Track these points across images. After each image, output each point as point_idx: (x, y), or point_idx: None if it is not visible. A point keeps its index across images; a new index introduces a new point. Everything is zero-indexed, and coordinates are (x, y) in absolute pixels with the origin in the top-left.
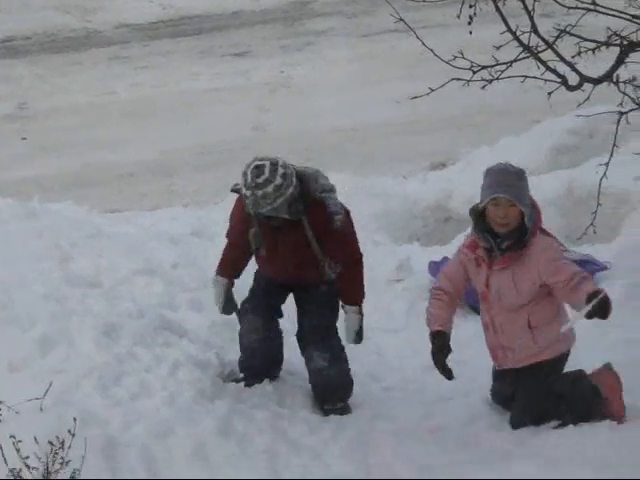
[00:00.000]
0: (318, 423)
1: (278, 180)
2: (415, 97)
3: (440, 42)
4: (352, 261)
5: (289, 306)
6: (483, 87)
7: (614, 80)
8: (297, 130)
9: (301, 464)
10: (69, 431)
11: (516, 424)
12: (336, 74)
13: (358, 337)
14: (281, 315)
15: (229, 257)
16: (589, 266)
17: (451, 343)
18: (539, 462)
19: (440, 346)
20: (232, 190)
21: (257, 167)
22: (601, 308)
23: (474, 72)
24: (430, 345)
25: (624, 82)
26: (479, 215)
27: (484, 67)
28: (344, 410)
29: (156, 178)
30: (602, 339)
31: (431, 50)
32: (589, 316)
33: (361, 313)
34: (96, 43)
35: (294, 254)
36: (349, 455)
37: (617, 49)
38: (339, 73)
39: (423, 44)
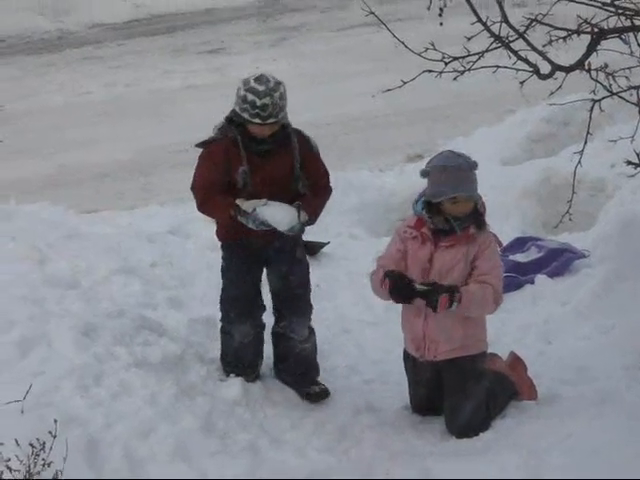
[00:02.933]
0: (299, 418)
1: (282, 82)
2: (388, 90)
3: (414, 35)
4: (326, 180)
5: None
6: (455, 78)
7: (586, 68)
8: None
9: (283, 459)
10: (50, 432)
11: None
12: (311, 69)
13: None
14: (264, 307)
15: (223, 196)
16: (567, 254)
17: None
18: (522, 452)
19: (398, 275)
20: (201, 144)
21: (259, 77)
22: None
23: (446, 63)
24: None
25: (596, 70)
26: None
27: (456, 58)
28: (326, 393)
29: (132, 177)
30: (580, 326)
31: (402, 42)
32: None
33: (306, 222)
34: (70, 44)
35: (280, 182)
36: (331, 449)
37: (588, 37)
38: (314, 68)
39: (394, 37)
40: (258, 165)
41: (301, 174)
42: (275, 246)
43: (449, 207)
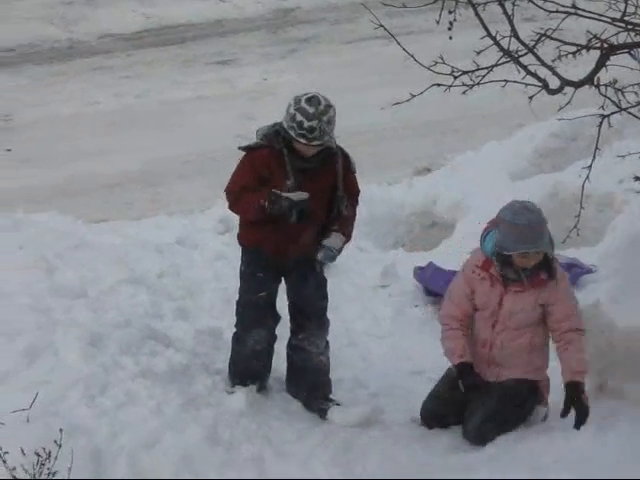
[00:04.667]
0: (306, 430)
1: (333, 105)
2: (397, 103)
3: (423, 48)
4: (356, 201)
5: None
6: (464, 92)
7: (595, 83)
8: None
9: (288, 471)
10: (56, 442)
11: (477, 429)
12: (320, 81)
13: (332, 256)
14: (279, 318)
15: (253, 193)
16: (574, 269)
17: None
18: (524, 468)
19: (468, 376)
20: (245, 148)
21: (310, 98)
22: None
23: (455, 77)
24: (456, 375)
25: (605, 85)
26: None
27: (465, 72)
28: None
29: (141, 187)
30: (585, 343)
31: (411, 56)
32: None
33: (343, 241)
34: (80, 53)
35: (319, 200)
36: (337, 462)
37: (598, 52)
38: (323, 80)
39: (404, 50)
40: (301, 182)
41: (344, 195)
42: (295, 257)
43: (519, 260)
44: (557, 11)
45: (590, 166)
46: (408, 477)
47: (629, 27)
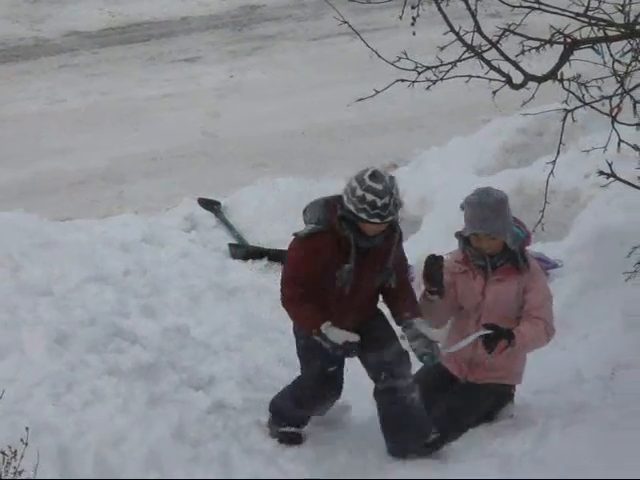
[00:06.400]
0: None
1: (394, 176)
2: (361, 99)
3: (389, 44)
4: (407, 270)
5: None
6: (428, 87)
7: (558, 78)
8: (248, 135)
9: (255, 468)
10: (22, 440)
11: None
12: (286, 78)
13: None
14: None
15: (313, 307)
16: (540, 264)
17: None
18: (494, 460)
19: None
20: (305, 236)
21: (374, 175)
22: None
23: (419, 73)
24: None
25: (568, 80)
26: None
27: (428, 68)
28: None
29: (107, 185)
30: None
31: (375, 52)
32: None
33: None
34: (45, 51)
35: (372, 278)
36: (304, 458)
37: (561, 47)
38: (289, 77)
39: (368, 46)
40: (360, 262)
41: (392, 269)
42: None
43: (475, 243)
44: (521, 6)
45: (554, 161)
46: (376, 474)
47: (592, 22)
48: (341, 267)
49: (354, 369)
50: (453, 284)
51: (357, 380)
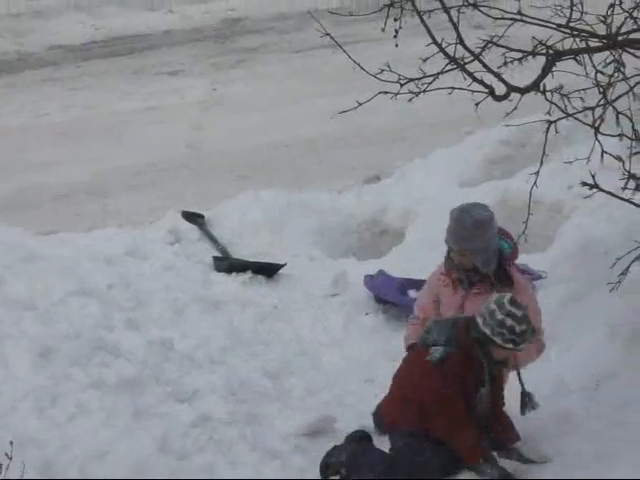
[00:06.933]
0: (256, 439)
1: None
2: (344, 111)
3: (373, 56)
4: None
5: None
6: (410, 100)
7: (541, 89)
8: (231, 147)
9: None
10: (6, 454)
11: None
12: (269, 90)
13: None
14: None
15: (473, 429)
16: (525, 276)
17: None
18: None
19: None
20: (439, 359)
21: (512, 301)
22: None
23: (401, 85)
24: None
25: (551, 91)
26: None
27: (411, 80)
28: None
29: (90, 199)
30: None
31: (358, 64)
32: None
33: None
34: (29, 65)
35: (500, 387)
36: (289, 470)
37: (544, 59)
38: (272, 89)
39: (350, 58)
40: (492, 387)
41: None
42: None
43: (454, 256)
44: (503, 18)
45: (538, 172)
46: None
47: (574, 33)
48: (477, 392)
49: (336, 380)
50: (437, 296)
51: (341, 390)
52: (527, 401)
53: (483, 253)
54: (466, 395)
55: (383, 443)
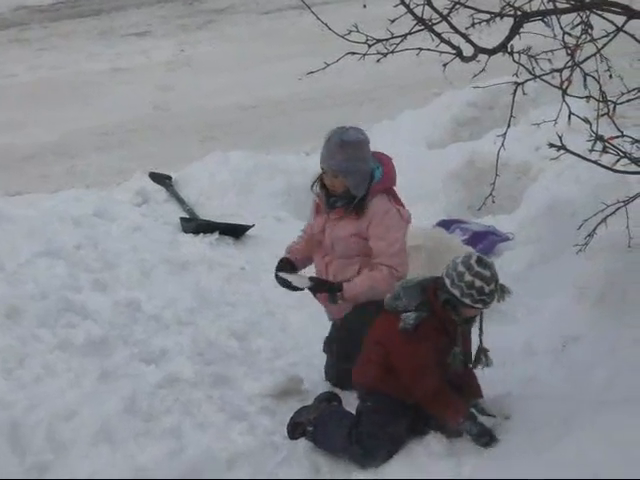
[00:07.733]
0: (224, 400)
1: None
2: (311, 72)
3: (341, 17)
4: None
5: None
6: (378, 60)
7: (508, 50)
8: (199, 108)
9: (207, 442)
10: None
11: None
12: (237, 52)
13: None
14: None
15: (454, 394)
16: (491, 237)
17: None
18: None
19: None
20: (413, 327)
21: (480, 261)
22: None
23: (369, 46)
24: None
25: (519, 52)
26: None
27: (379, 40)
28: None
29: (58, 160)
30: (509, 309)
31: (326, 25)
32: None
33: None
34: None
35: (469, 342)
36: (256, 431)
37: (511, 20)
38: (240, 51)
39: (318, 19)
40: (464, 344)
41: None
42: None
43: (325, 178)
44: None
45: (505, 134)
46: None
47: None
48: (450, 351)
49: (304, 341)
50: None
51: (309, 352)
52: (481, 357)
53: (351, 176)
54: (440, 356)
55: (351, 405)
